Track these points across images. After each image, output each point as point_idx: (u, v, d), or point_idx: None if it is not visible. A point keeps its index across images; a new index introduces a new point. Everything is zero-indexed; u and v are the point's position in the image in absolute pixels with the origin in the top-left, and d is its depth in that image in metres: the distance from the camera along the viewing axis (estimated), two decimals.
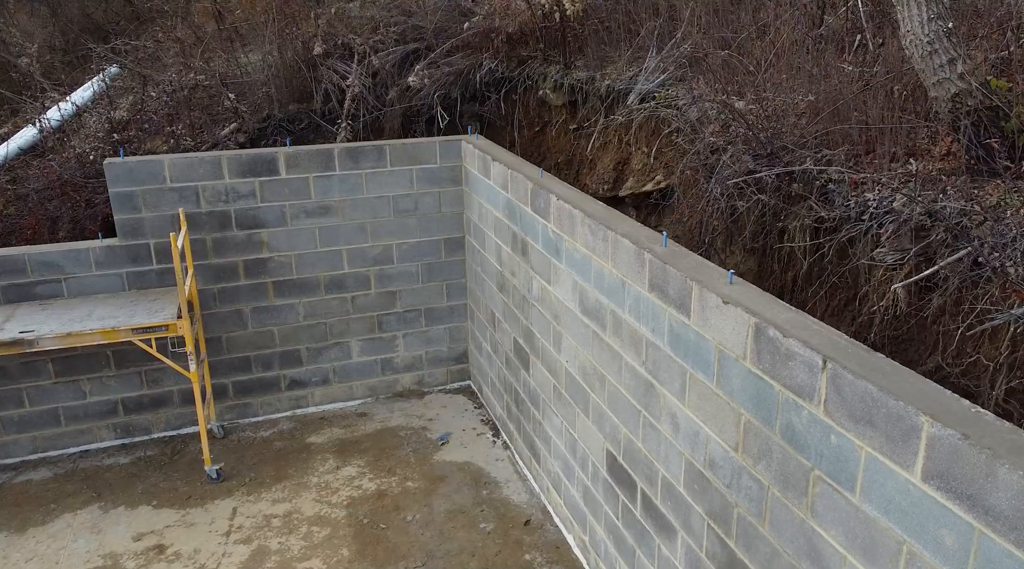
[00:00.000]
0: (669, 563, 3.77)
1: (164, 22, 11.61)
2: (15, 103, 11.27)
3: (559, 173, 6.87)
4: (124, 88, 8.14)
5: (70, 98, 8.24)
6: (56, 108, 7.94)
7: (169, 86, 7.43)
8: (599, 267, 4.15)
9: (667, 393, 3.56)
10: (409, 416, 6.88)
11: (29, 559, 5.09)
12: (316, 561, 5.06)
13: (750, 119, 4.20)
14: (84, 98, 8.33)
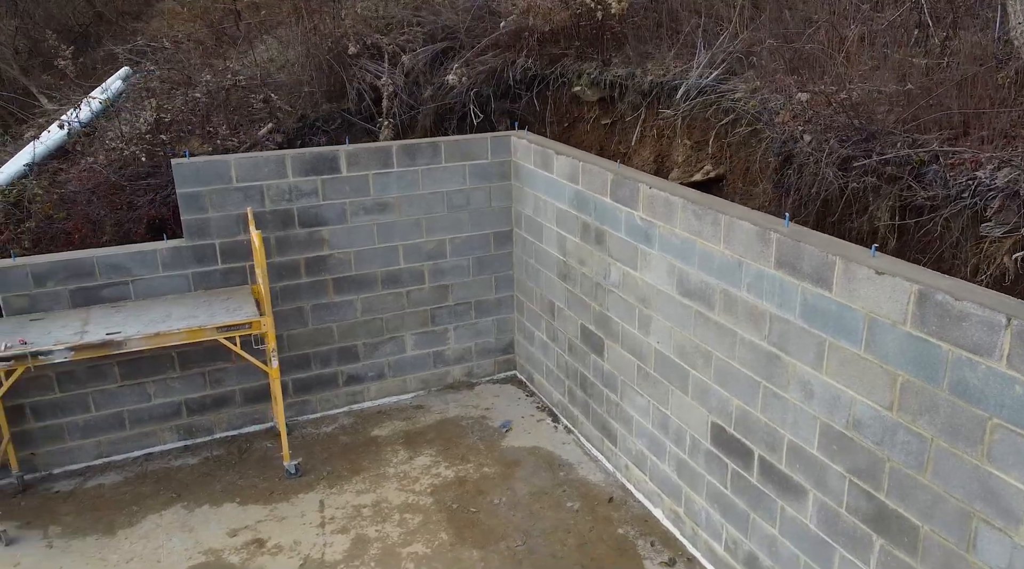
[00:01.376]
0: (796, 522, 4.04)
1: (167, 22, 11.47)
2: (8, 107, 11.00)
3: None
4: (149, 89, 8.06)
5: (93, 98, 8.14)
6: (84, 108, 7.84)
7: (207, 87, 7.40)
8: (706, 249, 4.40)
9: (797, 363, 3.83)
10: (465, 407, 7.03)
11: (129, 560, 5.10)
12: (418, 546, 5.20)
13: (845, 106, 4.50)
14: (105, 99, 8.23)
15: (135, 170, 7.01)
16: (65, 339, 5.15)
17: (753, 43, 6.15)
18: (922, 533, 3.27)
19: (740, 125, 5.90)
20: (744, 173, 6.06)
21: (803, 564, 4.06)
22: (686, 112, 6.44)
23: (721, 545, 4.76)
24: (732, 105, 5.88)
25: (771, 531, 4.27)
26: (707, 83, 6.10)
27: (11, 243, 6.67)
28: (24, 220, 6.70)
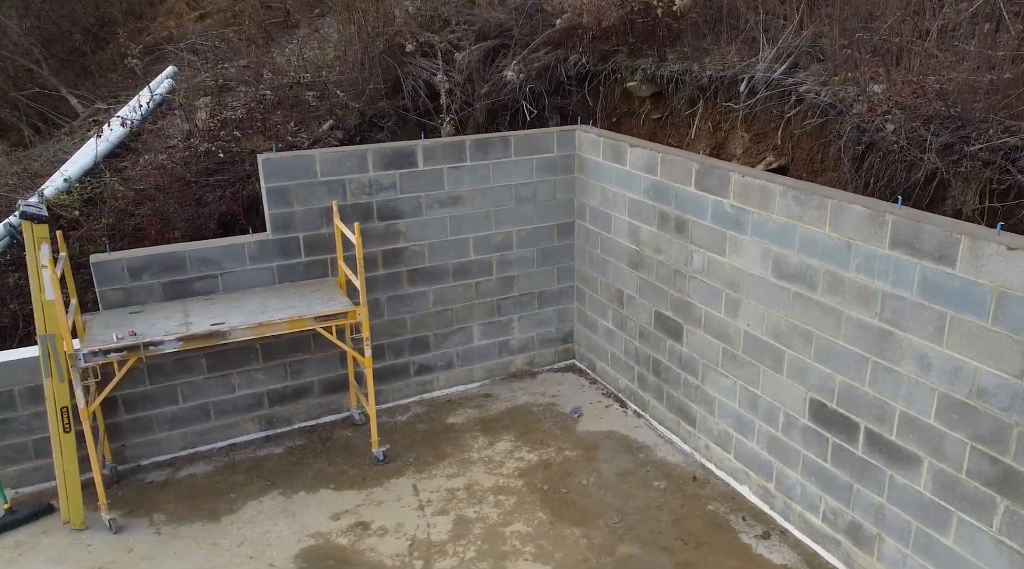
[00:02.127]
0: (907, 489, 4.27)
1: (175, 20, 11.52)
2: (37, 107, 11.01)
3: None
4: (208, 86, 8.16)
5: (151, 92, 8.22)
6: (143, 106, 7.93)
7: (269, 84, 7.52)
8: (808, 233, 4.62)
9: (913, 337, 4.06)
10: (532, 394, 7.21)
11: (239, 543, 5.23)
12: (519, 525, 5.38)
13: (941, 94, 4.73)
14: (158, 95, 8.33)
15: (204, 166, 7.12)
16: (171, 330, 5.27)
17: (818, 36, 6.39)
18: None
19: (809, 117, 6.13)
20: (808, 163, 6.28)
21: (915, 529, 4.29)
22: (749, 105, 6.66)
23: (819, 516, 4.98)
24: (802, 97, 6.10)
25: (878, 500, 4.50)
26: (774, 77, 6.32)
27: (88, 240, 6.76)
28: (100, 216, 6.79)
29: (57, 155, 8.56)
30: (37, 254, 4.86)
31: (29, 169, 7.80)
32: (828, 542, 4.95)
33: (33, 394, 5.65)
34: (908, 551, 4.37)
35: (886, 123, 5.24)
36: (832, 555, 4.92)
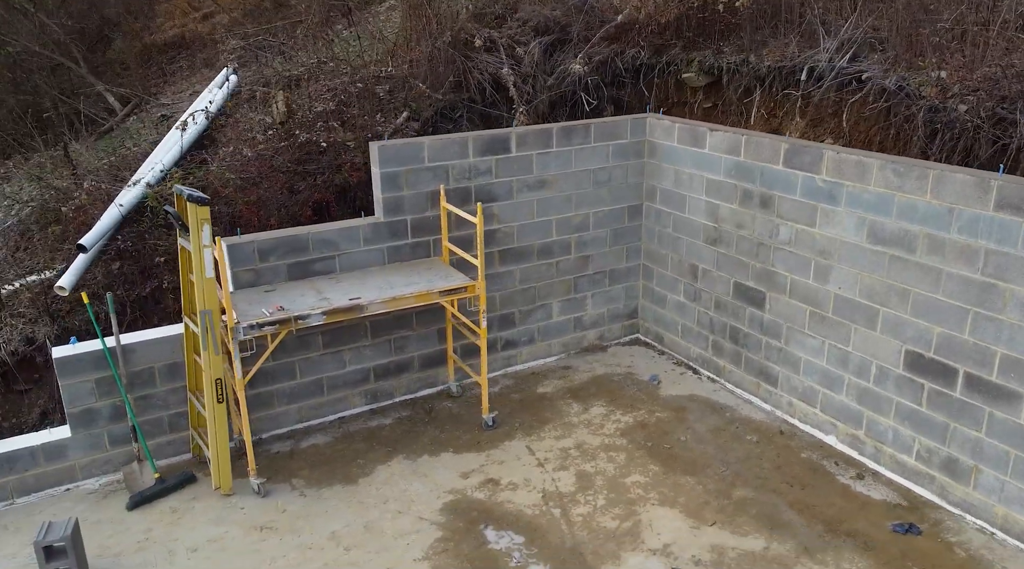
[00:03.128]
0: (1006, 423, 4.88)
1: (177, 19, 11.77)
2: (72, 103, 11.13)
3: None
4: (271, 80, 8.48)
5: (222, 87, 8.51)
6: (217, 100, 8.23)
7: (352, 77, 7.89)
8: (908, 201, 5.21)
9: (1017, 288, 4.66)
10: (608, 366, 7.72)
11: (384, 501, 5.63)
12: (636, 476, 5.88)
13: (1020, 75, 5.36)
14: (221, 91, 8.62)
15: (297, 156, 7.45)
16: (315, 305, 5.64)
17: (876, 29, 7.00)
18: None
19: (872, 102, 6.73)
20: (867, 145, 6.88)
21: (1013, 457, 4.91)
22: (809, 93, 7.25)
23: (912, 456, 5.58)
24: (864, 83, 6.70)
25: (975, 435, 5.11)
26: (839, 65, 6.92)
27: None
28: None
29: (126, 148, 8.77)
30: (200, 234, 5.19)
31: (112, 162, 8.02)
32: (922, 478, 5.55)
33: (171, 371, 5.98)
34: (1007, 478, 4.98)
35: (959, 105, 5.86)
36: (926, 489, 5.53)
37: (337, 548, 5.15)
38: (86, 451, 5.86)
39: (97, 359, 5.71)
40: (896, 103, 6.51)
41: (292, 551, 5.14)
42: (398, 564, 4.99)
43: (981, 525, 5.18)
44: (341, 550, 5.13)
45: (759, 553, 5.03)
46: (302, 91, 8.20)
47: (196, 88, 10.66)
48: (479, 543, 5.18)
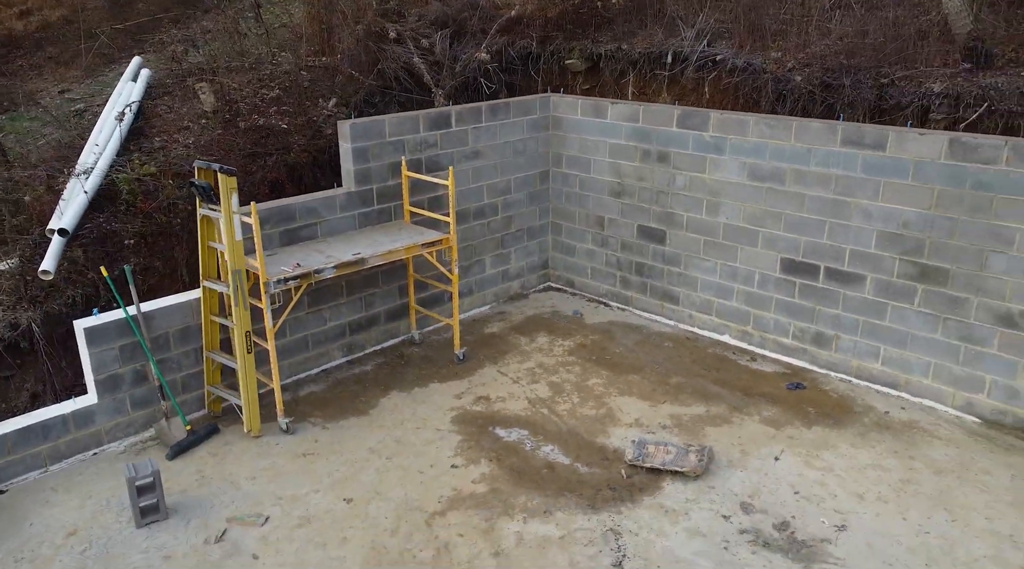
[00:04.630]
0: (855, 299, 6.91)
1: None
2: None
3: None
4: (190, 72, 8.97)
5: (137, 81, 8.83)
6: (135, 95, 8.57)
7: (289, 66, 8.61)
8: (777, 146, 7.09)
9: (860, 199, 6.66)
10: (535, 308, 9.13)
11: (400, 422, 6.65)
12: (594, 379, 7.34)
13: (834, 52, 7.40)
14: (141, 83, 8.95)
15: (244, 141, 8.10)
16: (324, 261, 6.52)
17: (723, 21, 8.95)
18: (951, 272, 6.27)
19: (726, 77, 8.66)
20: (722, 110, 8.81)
21: (862, 322, 6.95)
22: (674, 73, 9.09)
23: (789, 337, 7.54)
24: (719, 64, 8.60)
25: (834, 312, 7.12)
26: (697, 49, 8.79)
27: (157, 211, 7.52)
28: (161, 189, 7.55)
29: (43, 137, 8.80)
30: (230, 202, 5.91)
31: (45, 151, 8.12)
32: (798, 352, 7.52)
33: (184, 335, 6.55)
34: (857, 338, 7.03)
35: (796, 76, 7.88)
36: (802, 359, 7.50)
37: (379, 458, 6.12)
38: (111, 416, 6.29)
39: (119, 327, 6.18)
40: (745, 78, 8.46)
41: (341, 466, 6.04)
42: (437, 461, 6.08)
43: (843, 376, 7.21)
44: (384, 459, 6.11)
45: (703, 415, 6.68)
46: (230, 81, 8.76)
47: (86, 81, 10.59)
48: (494, 439, 6.38)
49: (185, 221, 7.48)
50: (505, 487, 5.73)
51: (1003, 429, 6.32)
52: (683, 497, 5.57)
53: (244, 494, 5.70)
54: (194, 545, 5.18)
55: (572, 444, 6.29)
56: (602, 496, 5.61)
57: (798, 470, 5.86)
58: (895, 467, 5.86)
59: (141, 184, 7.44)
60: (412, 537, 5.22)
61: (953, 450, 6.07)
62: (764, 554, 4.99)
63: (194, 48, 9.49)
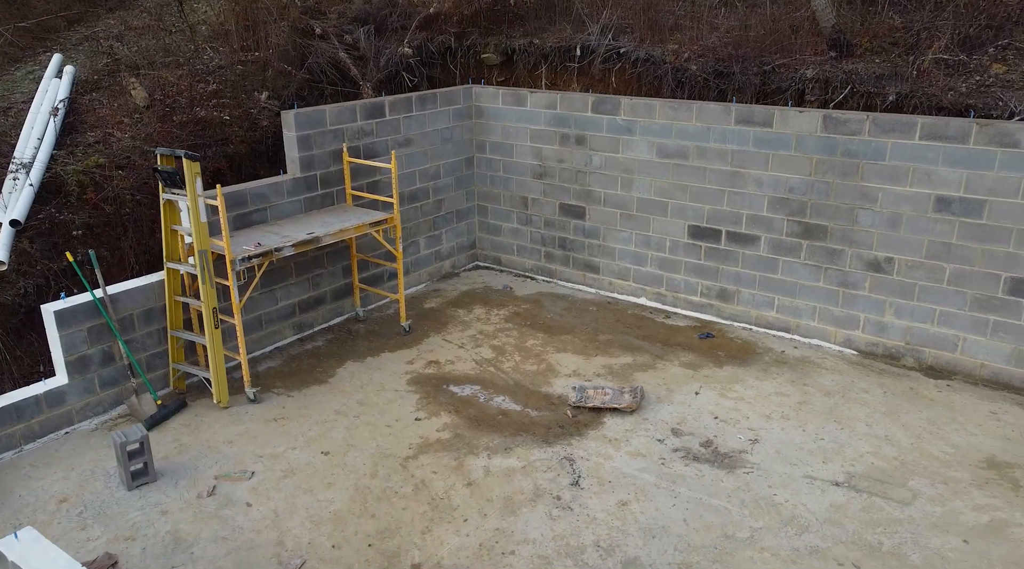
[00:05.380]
0: (752, 257, 8.01)
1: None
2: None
3: None
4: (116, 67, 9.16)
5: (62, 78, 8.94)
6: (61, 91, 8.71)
7: (220, 63, 8.93)
8: (681, 126, 8.10)
9: (753, 170, 7.75)
10: (467, 284, 9.85)
11: (360, 387, 7.22)
12: (531, 341, 8.13)
13: (724, 43, 8.48)
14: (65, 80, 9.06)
15: (190, 132, 8.42)
16: (281, 240, 7.00)
17: (624, 17, 9.93)
18: (829, 229, 7.43)
19: (628, 68, 9.65)
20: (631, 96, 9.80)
21: (759, 277, 8.05)
22: (583, 65, 10.01)
23: (698, 295, 8.58)
24: (623, 56, 9.59)
25: (735, 269, 8.20)
26: (603, 43, 9.73)
27: (96, 206, 7.76)
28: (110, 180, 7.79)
29: None
30: (195, 186, 6.32)
31: None
32: (706, 307, 8.57)
33: (147, 316, 6.88)
34: (755, 291, 8.13)
35: (691, 65, 8.94)
36: (709, 314, 8.55)
37: (347, 418, 6.69)
38: (81, 395, 6.56)
39: (87, 310, 6.47)
40: (647, 68, 9.47)
41: (313, 427, 6.57)
42: (401, 416, 6.70)
43: (745, 325, 8.31)
44: (351, 418, 6.68)
45: (631, 363, 7.59)
46: (169, 75, 9.01)
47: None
48: (450, 395, 7.06)
49: (132, 211, 7.77)
50: (466, 433, 6.43)
51: (875, 358, 7.55)
52: (622, 428, 6.44)
53: (225, 456, 6.14)
54: (188, 500, 5.60)
55: (520, 394, 7.05)
56: (553, 433, 6.39)
57: (715, 401, 6.84)
58: (793, 393, 6.94)
59: (88, 176, 7.65)
60: (391, 478, 5.84)
61: (838, 377, 7.22)
62: (695, 466, 5.92)
63: (119, 43, 9.61)
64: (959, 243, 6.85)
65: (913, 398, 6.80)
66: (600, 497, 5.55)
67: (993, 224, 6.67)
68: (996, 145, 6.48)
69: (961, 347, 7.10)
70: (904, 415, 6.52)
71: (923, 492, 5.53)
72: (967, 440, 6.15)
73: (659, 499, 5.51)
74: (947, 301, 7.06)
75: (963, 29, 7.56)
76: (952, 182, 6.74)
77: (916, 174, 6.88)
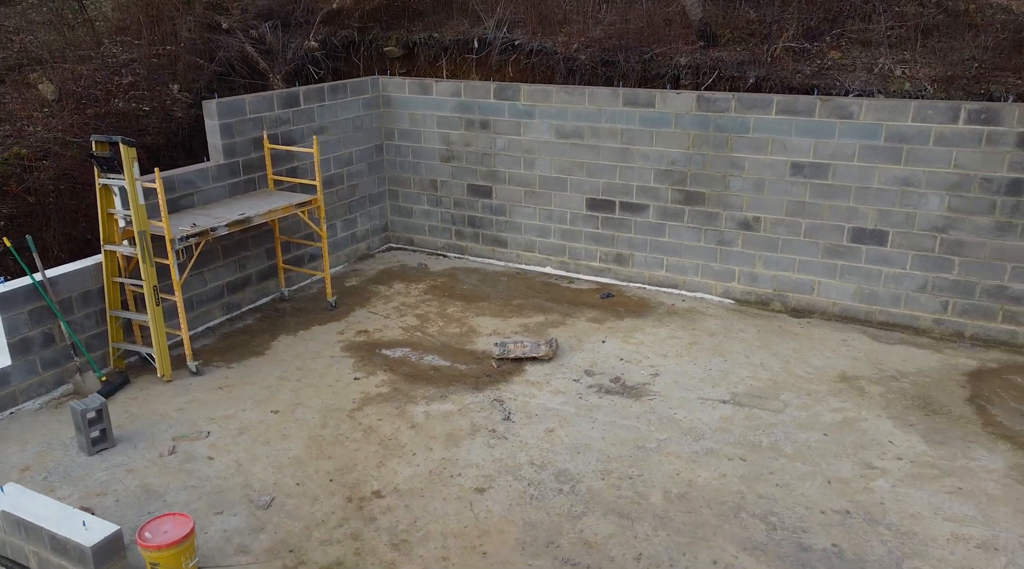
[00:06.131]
0: (642, 223, 9.08)
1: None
2: None
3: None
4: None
5: None
6: None
7: (132, 57, 9.15)
8: (576, 109, 9.06)
9: (640, 146, 8.81)
10: (383, 264, 10.49)
11: (298, 355, 7.75)
12: (452, 309, 8.89)
13: (621, 34, 9.50)
14: None
15: (109, 123, 8.65)
16: (215, 221, 7.44)
17: (519, 11, 10.82)
18: (707, 195, 8.59)
19: (523, 59, 10.56)
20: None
21: (649, 241, 9.14)
22: (481, 57, 10.84)
23: (597, 261, 9.59)
24: (519, 47, 10.48)
25: (629, 236, 9.26)
26: (500, 36, 10.59)
27: (27, 193, 7.93)
28: (37, 170, 7.95)
29: None
30: (132, 170, 6.68)
31: None
32: (605, 272, 9.59)
33: (86, 298, 7.16)
34: (647, 254, 9.22)
35: (580, 55, 9.92)
36: (608, 277, 9.58)
37: (290, 382, 7.22)
38: (25, 377, 6.78)
39: (27, 293, 6.70)
40: (540, 59, 10.40)
41: (258, 391, 7.07)
42: (340, 377, 7.30)
43: (640, 285, 9.39)
44: (294, 382, 7.22)
45: (543, 322, 8.48)
46: (83, 68, 9.14)
47: None
48: (383, 357, 7.71)
49: (55, 201, 7.96)
50: (404, 386, 7.12)
51: (749, 304, 8.78)
52: (543, 373, 7.31)
53: (178, 421, 6.56)
54: (150, 459, 6.02)
55: (448, 352, 7.79)
56: (482, 382, 7.18)
57: (619, 346, 7.83)
58: (684, 336, 8.03)
59: (8, 168, 7.78)
60: (340, 426, 6.46)
61: (719, 321, 8.38)
62: (607, 397, 6.86)
63: (18, 37, 9.61)
64: (811, 201, 8.14)
65: (781, 334, 8.03)
66: (529, 427, 6.39)
67: (837, 184, 7.98)
68: (836, 117, 7.78)
69: (817, 290, 8.42)
70: (774, 347, 7.73)
71: (792, 402, 6.70)
72: (824, 362, 7.40)
73: (580, 425, 6.41)
74: (804, 251, 8.36)
75: (806, 22, 8.89)
76: (803, 150, 8.01)
77: (774, 144, 8.12)
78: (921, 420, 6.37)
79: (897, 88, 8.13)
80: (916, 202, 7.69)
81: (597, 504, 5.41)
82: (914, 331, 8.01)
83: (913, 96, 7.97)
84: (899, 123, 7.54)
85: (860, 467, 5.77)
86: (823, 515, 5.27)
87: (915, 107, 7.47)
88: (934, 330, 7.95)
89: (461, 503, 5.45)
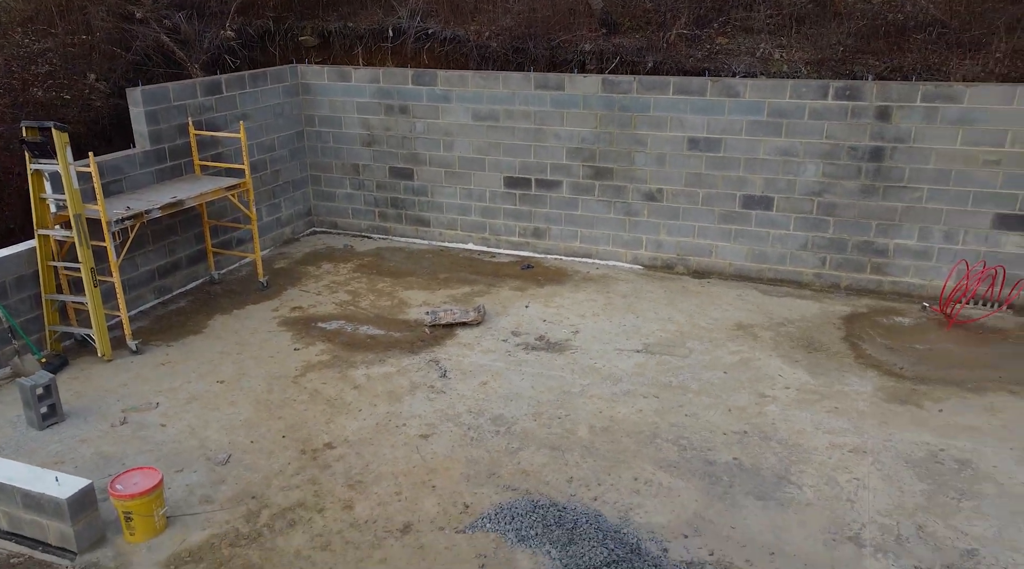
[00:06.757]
0: (557, 199, 9.79)
1: None
2: None
3: None
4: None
5: None
6: None
7: (50, 47, 9.14)
8: (491, 93, 9.67)
9: (552, 126, 9.50)
10: (310, 247, 10.83)
11: (235, 332, 8.05)
12: (381, 284, 9.35)
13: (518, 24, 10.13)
14: None
15: (26, 112, 8.67)
16: (149, 205, 7.66)
17: (431, 1, 11.31)
18: (614, 170, 9.37)
19: (437, 46, 11.07)
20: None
21: (563, 215, 9.86)
22: (396, 45, 11.31)
23: (515, 235, 10.25)
24: (432, 35, 10.99)
25: (545, 211, 9.95)
26: (414, 25, 11.08)
27: None
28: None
29: None
30: (65, 154, 6.86)
31: None
32: (524, 245, 10.25)
33: (19, 284, 7.26)
34: (562, 227, 9.94)
35: (492, 42, 10.52)
36: (527, 251, 10.25)
37: (231, 356, 7.55)
38: None
39: None
40: (454, 47, 10.94)
41: (201, 366, 7.36)
42: (280, 349, 7.68)
43: (556, 257, 10.10)
44: (235, 355, 7.55)
45: (469, 292, 9.06)
46: None
47: None
48: (320, 330, 8.12)
49: None
50: (343, 354, 7.56)
51: (656, 269, 9.63)
52: (473, 336, 7.90)
53: (124, 395, 6.81)
54: (103, 430, 6.27)
55: (382, 323, 8.27)
56: (417, 346, 7.71)
57: (541, 310, 8.50)
58: (599, 299, 8.78)
59: None
60: (286, 391, 6.86)
61: (631, 285, 9.19)
62: (534, 353, 7.52)
63: None
64: (707, 172, 9.04)
65: (685, 293, 8.90)
66: (465, 382, 6.97)
67: (728, 156, 8.90)
68: (725, 96, 8.67)
69: (715, 253, 9.34)
70: (679, 304, 8.58)
71: (696, 348, 7.54)
72: (722, 314, 8.30)
73: (510, 377, 7.04)
74: (702, 218, 9.25)
75: (696, 11, 9.78)
76: (698, 126, 8.88)
77: (672, 122, 8.96)
78: (805, 357, 7.32)
79: (776, 70, 9.12)
80: (796, 170, 8.68)
81: (531, 440, 6.05)
82: (798, 285, 9.03)
83: (790, 76, 8.97)
84: (779, 100, 8.50)
85: (755, 397, 6.64)
86: (725, 436, 6.08)
87: (792, 86, 8.45)
88: (815, 283, 9.00)
89: (408, 448, 5.99)
